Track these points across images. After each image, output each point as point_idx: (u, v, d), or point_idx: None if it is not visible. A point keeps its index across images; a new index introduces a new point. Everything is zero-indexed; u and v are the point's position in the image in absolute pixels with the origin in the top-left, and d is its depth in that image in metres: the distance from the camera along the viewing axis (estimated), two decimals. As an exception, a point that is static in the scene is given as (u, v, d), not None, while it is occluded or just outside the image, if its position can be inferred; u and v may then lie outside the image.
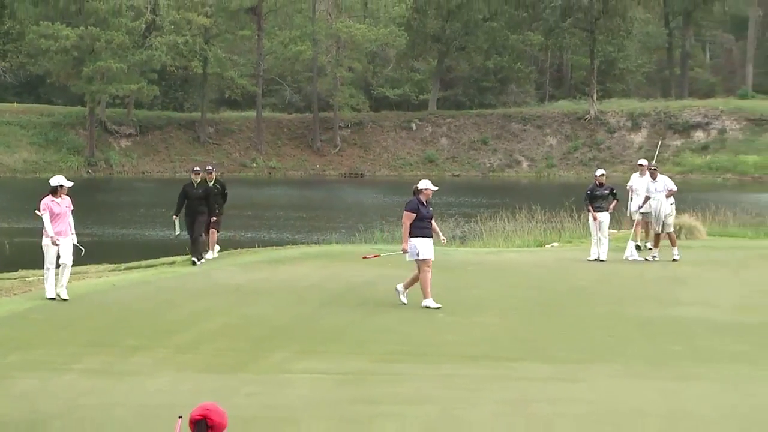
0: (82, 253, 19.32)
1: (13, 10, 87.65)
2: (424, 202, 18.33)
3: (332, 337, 15.71)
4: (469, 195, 60.07)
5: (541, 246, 30.24)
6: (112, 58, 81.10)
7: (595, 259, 24.89)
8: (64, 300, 18.02)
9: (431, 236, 18.36)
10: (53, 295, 18.09)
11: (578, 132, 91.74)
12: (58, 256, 18.11)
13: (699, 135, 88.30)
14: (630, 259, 25.18)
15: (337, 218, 48.13)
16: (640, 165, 27.47)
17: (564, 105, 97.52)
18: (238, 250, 28.23)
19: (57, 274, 18.24)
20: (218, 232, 25.49)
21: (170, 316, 17.17)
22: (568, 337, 15.89)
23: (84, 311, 17.48)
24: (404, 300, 18.21)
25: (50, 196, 18.47)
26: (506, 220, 34.48)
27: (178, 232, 24.34)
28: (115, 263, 25.34)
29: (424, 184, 18.49)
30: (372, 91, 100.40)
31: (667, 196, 25.33)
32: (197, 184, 24.27)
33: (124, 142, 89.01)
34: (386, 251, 22.31)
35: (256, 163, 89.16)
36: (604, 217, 25.11)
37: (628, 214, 27.42)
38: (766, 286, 21.25)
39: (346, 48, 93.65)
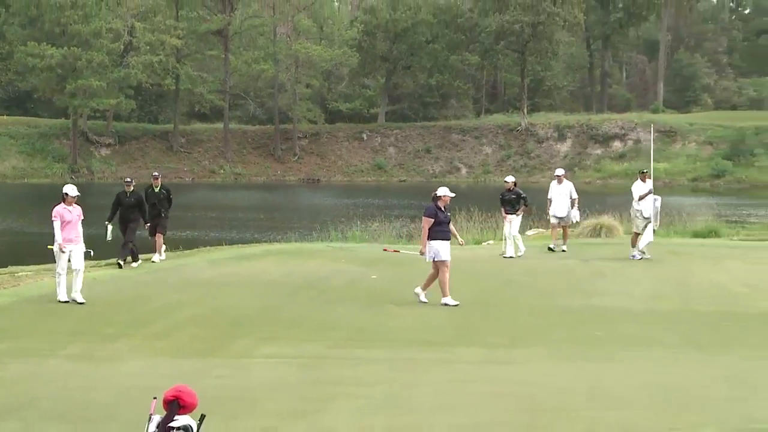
0: (92, 254, 18.88)
1: (2, 32, 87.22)
2: (443, 208, 17.73)
3: (292, 325, 15.67)
4: (415, 198, 60.01)
5: (479, 244, 30.29)
6: (93, 76, 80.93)
7: (510, 257, 24.65)
8: (81, 303, 16.98)
9: (449, 239, 17.86)
10: (66, 299, 17.21)
11: (511, 142, 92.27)
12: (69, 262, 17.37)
13: (617, 145, 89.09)
14: (637, 257, 24.73)
15: (295, 219, 47.94)
16: (557, 175, 27.30)
17: (498, 118, 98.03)
18: (207, 247, 28.07)
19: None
20: (164, 234, 24.13)
21: (146, 307, 17.06)
22: (502, 325, 15.96)
23: (68, 303, 17.31)
24: (425, 299, 17.67)
25: (62, 203, 17.55)
26: (447, 220, 34.54)
27: (110, 237, 22.65)
28: (96, 260, 25.09)
29: (443, 191, 17.87)
30: (327, 105, 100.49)
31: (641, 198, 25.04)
32: (129, 193, 22.98)
33: (104, 151, 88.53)
34: (404, 249, 22.17)
35: (224, 170, 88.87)
36: (513, 218, 24.91)
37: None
38: (675, 278, 21.46)
39: (304, 67, 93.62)
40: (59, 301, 17.16)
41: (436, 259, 17.60)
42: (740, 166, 79.61)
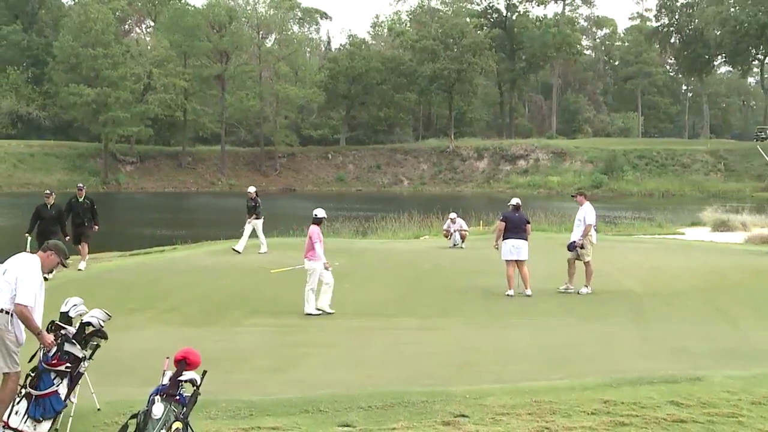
0: (334, 265, 15.70)
1: (50, 76, 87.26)
2: (516, 214, 17.30)
3: (272, 301, 15.69)
4: (369, 203, 60.10)
5: (417, 238, 30.43)
6: (120, 110, 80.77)
7: (238, 251, 23.20)
8: (330, 313, 14.35)
9: (525, 239, 17.25)
10: (312, 311, 14.33)
11: (441, 161, 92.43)
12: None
13: (522, 163, 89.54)
14: None
15: (276, 220, 47.74)
16: (450, 217, 26.07)
17: (431, 142, 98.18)
18: (208, 241, 27.97)
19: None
20: (88, 243, 19.68)
21: (159, 288, 16.99)
22: (431, 300, 16.05)
23: (101, 283, 17.20)
24: (529, 293, 16.35)
25: (317, 226, 14.84)
26: (393, 220, 34.64)
27: (29, 250, 16.43)
28: (121, 251, 24.89)
29: (515, 201, 17.85)
30: (301, 132, 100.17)
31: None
32: (50, 206, 18.75)
33: (128, 168, 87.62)
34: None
35: (221, 182, 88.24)
36: (253, 220, 24.17)
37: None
38: (564, 263, 21.57)
39: (283, 102, 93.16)
40: (307, 314, 14.41)
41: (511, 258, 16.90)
42: (613, 179, 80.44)
